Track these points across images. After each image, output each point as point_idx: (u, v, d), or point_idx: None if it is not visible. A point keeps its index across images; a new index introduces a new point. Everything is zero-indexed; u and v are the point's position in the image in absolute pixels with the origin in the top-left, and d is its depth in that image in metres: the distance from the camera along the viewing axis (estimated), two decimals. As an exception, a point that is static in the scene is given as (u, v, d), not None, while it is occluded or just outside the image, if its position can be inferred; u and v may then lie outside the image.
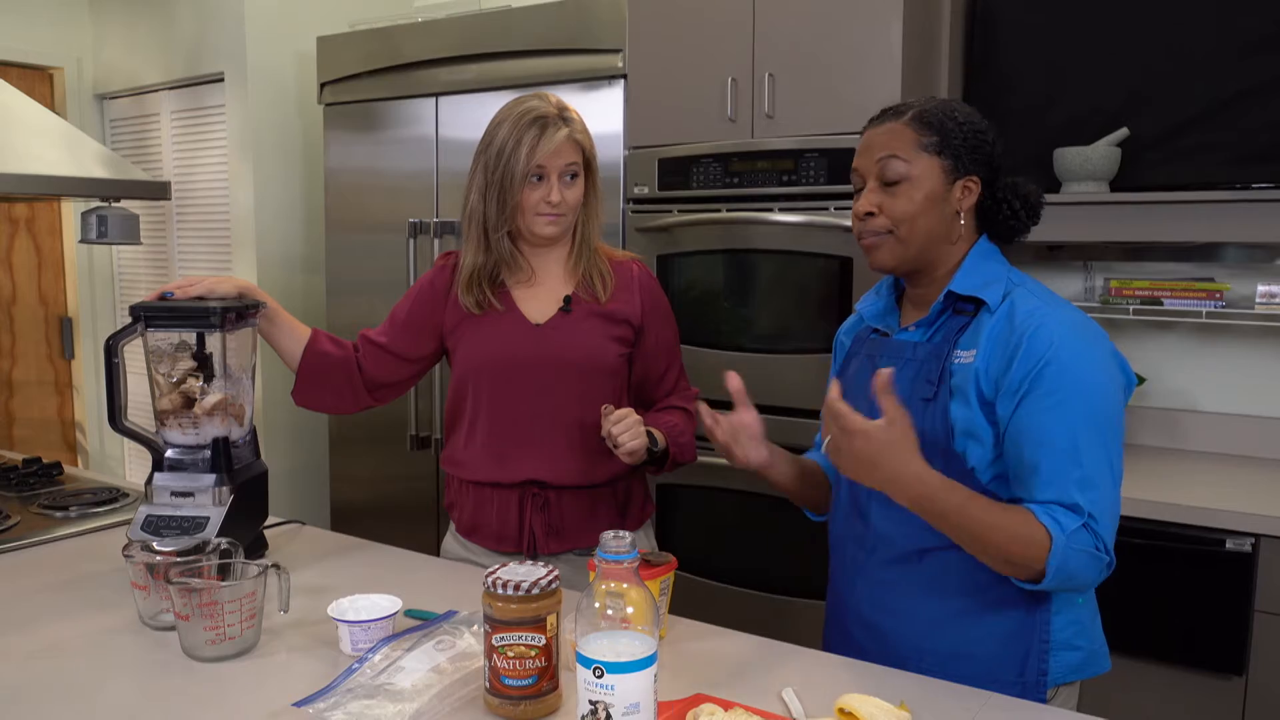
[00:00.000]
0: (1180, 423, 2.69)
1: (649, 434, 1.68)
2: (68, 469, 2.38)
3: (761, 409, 2.64)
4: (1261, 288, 2.43)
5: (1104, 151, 2.50)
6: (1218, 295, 2.47)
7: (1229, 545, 2.08)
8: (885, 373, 1.21)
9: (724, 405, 2.72)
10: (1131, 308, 2.55)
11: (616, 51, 2.80)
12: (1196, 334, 2.67)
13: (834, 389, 1.27)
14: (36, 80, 4.08)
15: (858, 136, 2.43)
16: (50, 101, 4.13)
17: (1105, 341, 1.29)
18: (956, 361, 1.32)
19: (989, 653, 1.33)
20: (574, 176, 1.72)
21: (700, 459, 2.72)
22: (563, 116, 1.70)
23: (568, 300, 1.74)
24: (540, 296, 1.76)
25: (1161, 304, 2.52)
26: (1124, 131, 2.51)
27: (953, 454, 1.30)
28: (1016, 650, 1.32)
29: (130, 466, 4.30)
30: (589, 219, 1.77)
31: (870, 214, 1.36)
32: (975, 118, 1.36)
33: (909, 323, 1.43)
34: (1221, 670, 2.11)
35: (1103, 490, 1.23)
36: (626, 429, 1.60)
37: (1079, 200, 2.51)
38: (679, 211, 2.70)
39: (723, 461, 2.68)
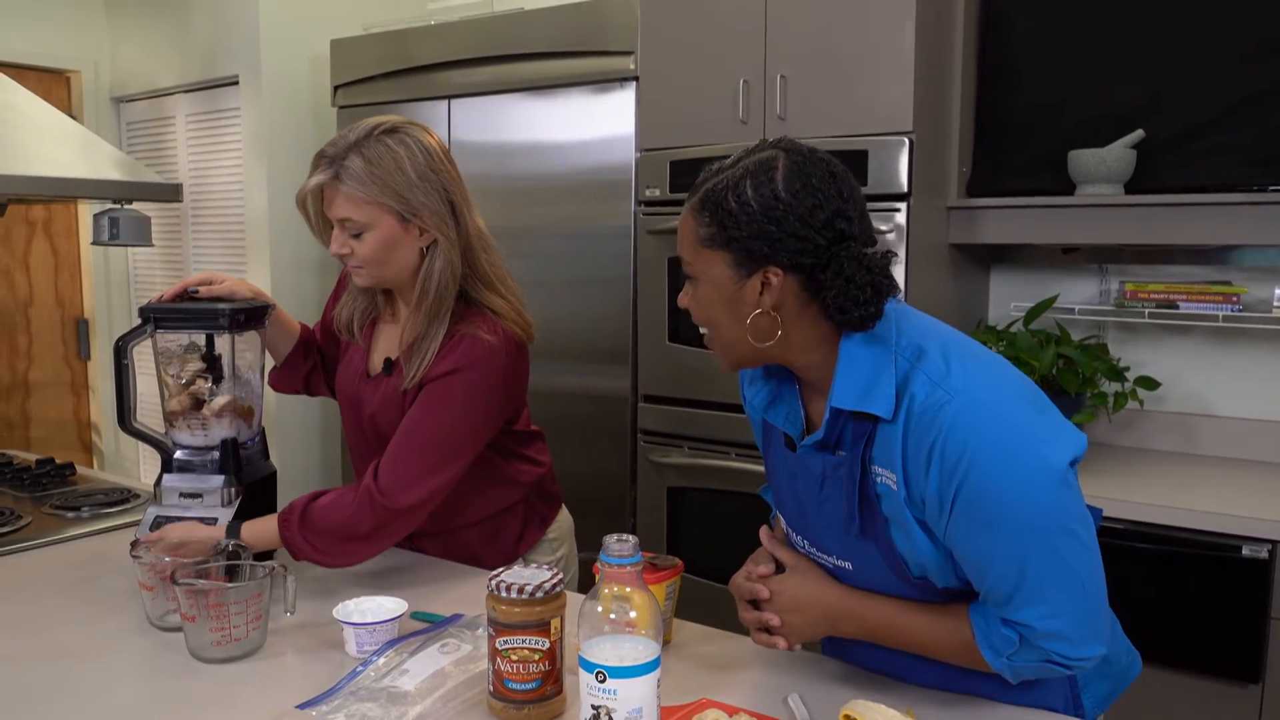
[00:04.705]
0: (1196, 427, 2.66)
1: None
2: (81, 469, 2.39)
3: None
4: None
5: (1119, 153, 2.47)
6: (1235, 299, 2.44)
7: (1245, 551, 2.05)
8: (764, 534, 1.30)
9: (739, 408, 2.72)
10: (1147, 311, 2.53)
11: (628, 54, 2.79)
12: (1213, 338, 2.64)
13: (744, 575, 1.29)
14: (54, 84, 4.11)
15: (871, 138, 2.42)
16: (67, 104, 4.16)
17: (1027, 413, 1.09)
18: (880, 481, 1.14)
19: (1014, 702, 1.23)
20: (356, 235, 1.54)
21: (708, 462, 2.71)
22: (336, 159, 1.52)
23: (388, 364, 1.66)
24: (390, 341, 1.69)
25: (1177, 307, 2.50)
26: (1139, 133, 2.49)
27: (915, 582, 1.18)
28: (1041, 700, 1.23)
29: (144, 467, 4.32)
30: (429, 280, 1.56)
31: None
32: (776, 193, 1.08)
33: (815, 418, 1.23)
34: (1237, 678, 2.08)
35: (1056, 603, 1.09)
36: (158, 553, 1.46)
37: (1094, 203, 2.49)
38: (690, 214, 2.69)
39: (731, 464, 2.67)
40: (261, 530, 1.53)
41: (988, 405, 1.07)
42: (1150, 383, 2.61)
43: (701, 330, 1.20)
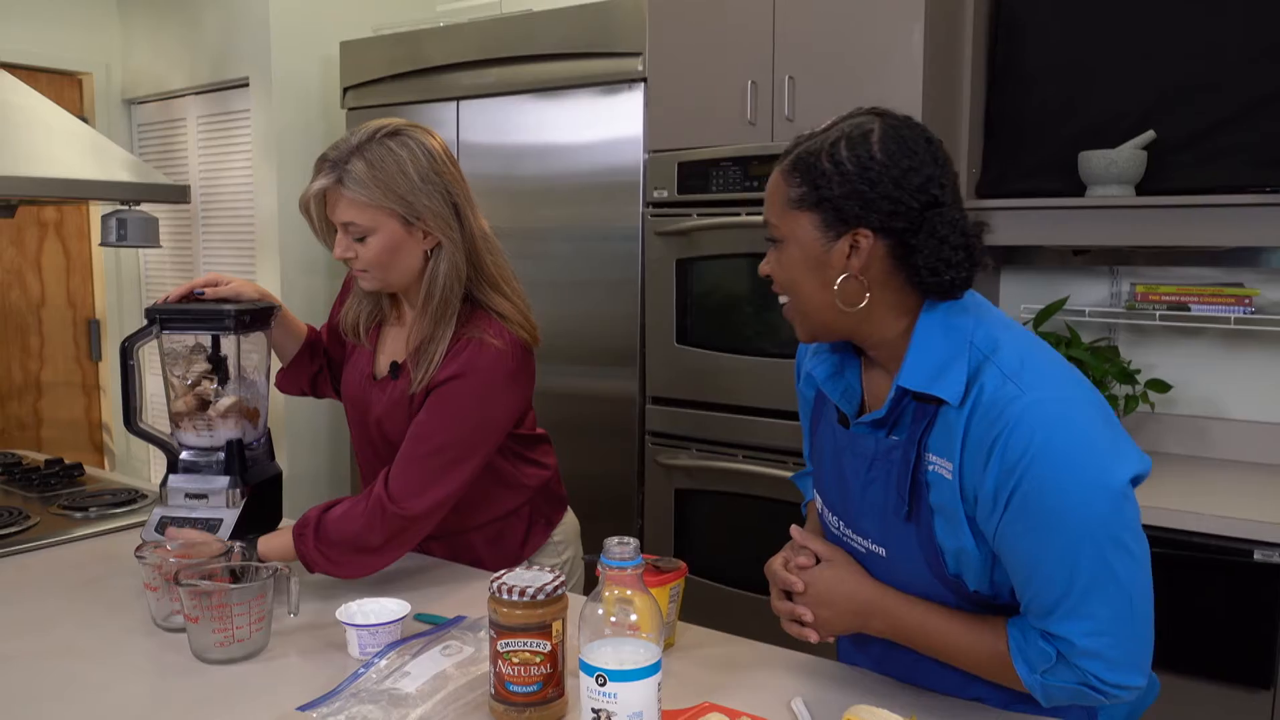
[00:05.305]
0: (1207, 430, 2.64)
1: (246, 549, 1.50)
2: (89, 470, 2.40)
3: (782, 414, 2.63)
4: (1292, 293, 2.38)
5: (1130, 154, 2.46)
6: (1247, 301, 2.42)
7: (1257, 556, 2.03)
8: (795, 530, 1.27)
9: (747, 410, 2.71)
10: (1158, 313, 2.51)
11: (637, 55, 2.79)
12: (1224, 340, 2.62)
13: (781, 562, 1.27)
14: (66, 86, 4.13)
15: (878, 139, 2.41)
16: (79, 106, 4.18)
17: (1096, 424, 1.06)
18: (932, 469, 1.12)
19: (1025, 713, 1.20)
20: (360, 239, 1.54)
21: (716, 464, 2.70)
22: (338, 163, 1.52)
23: (394, 367, 1.65)
24: (396, 344, 1.69)
25: (1189, 309, 2.48)
26: (1150, 134, 2.47)
27: (948, 579, 1.15)
28: (1053, 713, 1.20)
29: (154, 468, 4.34)
30: (434, 282, 1.56)
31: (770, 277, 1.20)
32: (871, 153, 1.09)
33: (871, 399, 1.22)
34: (1249, 684, 2.06)
35: (1101, 619, 1.05)
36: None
37: (1105, 204, 2.48)
38: (699, 215, 2.69)
39: (739, 467, 2.66)
40: (277, 544, 1.54)
41: (1056, 407, 1.05)
42: (1161, 385, 2.59)
43: (781, 299, 1.19)
